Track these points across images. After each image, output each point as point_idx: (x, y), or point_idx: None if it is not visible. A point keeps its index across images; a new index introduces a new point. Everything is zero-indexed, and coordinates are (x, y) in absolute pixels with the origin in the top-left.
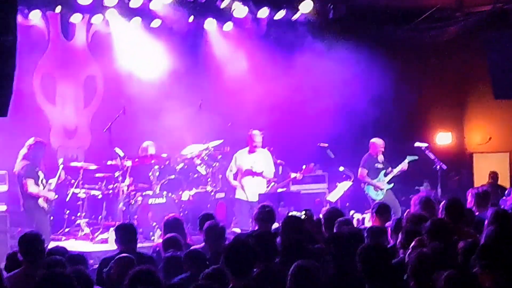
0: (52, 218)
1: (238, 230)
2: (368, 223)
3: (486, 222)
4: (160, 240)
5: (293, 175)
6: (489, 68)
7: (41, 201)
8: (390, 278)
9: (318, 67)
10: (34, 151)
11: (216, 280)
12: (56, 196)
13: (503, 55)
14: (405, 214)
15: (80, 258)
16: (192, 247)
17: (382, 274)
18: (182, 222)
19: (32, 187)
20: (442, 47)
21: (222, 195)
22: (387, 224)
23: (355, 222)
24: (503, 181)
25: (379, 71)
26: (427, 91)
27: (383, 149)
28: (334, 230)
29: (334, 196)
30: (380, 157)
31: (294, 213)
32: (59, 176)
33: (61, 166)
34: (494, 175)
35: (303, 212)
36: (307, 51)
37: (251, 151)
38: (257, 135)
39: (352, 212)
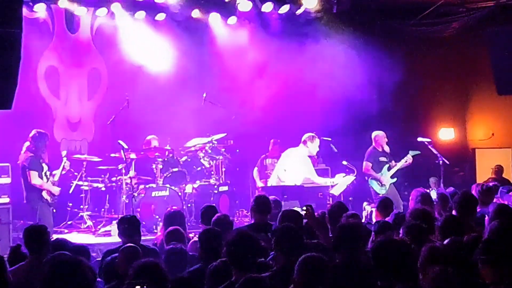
0: (55, 211)
1: None
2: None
3: (486, 217)
4: (159, 234)
5: None
6: (492, 63)
7: (44, 194)
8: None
9: (321, 61)
10: (36, 143)
11: (222, 273)
12: (59, 189)
13: (507, 50)
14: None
15: (82, 249)
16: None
17: (397, 271)
18: (183, 216)
19: (35, 179)
20: (445, 42)
21: (225, 188)
22: (388, 218)
23: (364, 214)
24: (506, 176)
25: (383, 66)
26: (430, 86)
27: (386, 140)
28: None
29: (337, 190)
30: (386, 148)
31: (296, 208)
32: (63, 167)
33: (64, 158)
34: (498, 169)
35: (304, 207)
36: (311, 44)
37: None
38: None
39: (365, 203)
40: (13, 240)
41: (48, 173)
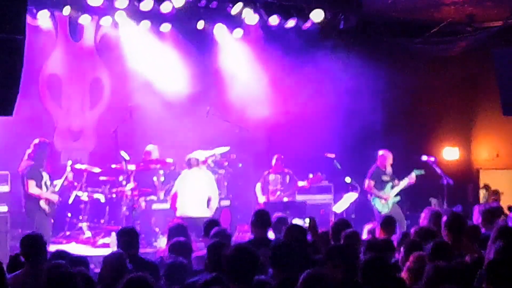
0: (53, 221)
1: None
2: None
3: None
4: (165, 247)
5: (300, 183)
6: (498, 84)
7: (42, 203)
8: None
9: (327, 77)
10: (38, 151)
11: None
12: (60, 198)
13: None
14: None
15: (81, 261)
16: (195, 253)
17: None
18: (187, 228)
19: (33, 188)
20: (452, 61)
21: (227, 202)
22: (393, 237)
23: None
24: (509, 198)
25: (388, 83)
26: (436, 105)
27: (391, 162)
28: (341, 242)
29: (340, 207)
30: (388, 170)
31: (296, 220)
32: (66, 177)
33: (68, 168)
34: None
35: (307, 220)
36: (316, 60)
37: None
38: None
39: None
40: (10, 249)
41: (48, 182)
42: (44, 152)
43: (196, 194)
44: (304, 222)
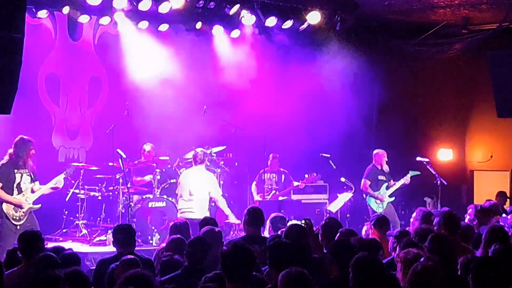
0: (19, 227)
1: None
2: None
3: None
4: (163, 244)
5: (295, 183)
6: (492, 86)
7: (5, 207)
8: None
9: (323, 78)
10: (16, 151)
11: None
12: (34, 206)
13: (507, 73)
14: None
15: (74, 257)
16: None
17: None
18: (189, 227)
19: None
20: (447, 63)
21: None
22: (388, 232)
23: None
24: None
25: (384, 84)
26: (430, 106)
27: (386, 159)
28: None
29: (334, 207)
30: (385, 167)
31: (294, 222)
32: (56, 183)
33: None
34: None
35: (303, 221)
36: (313, 61)
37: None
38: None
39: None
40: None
41: (27, 186)
42: (22, 151)
43: (197, 196)
44: (301, 223)
